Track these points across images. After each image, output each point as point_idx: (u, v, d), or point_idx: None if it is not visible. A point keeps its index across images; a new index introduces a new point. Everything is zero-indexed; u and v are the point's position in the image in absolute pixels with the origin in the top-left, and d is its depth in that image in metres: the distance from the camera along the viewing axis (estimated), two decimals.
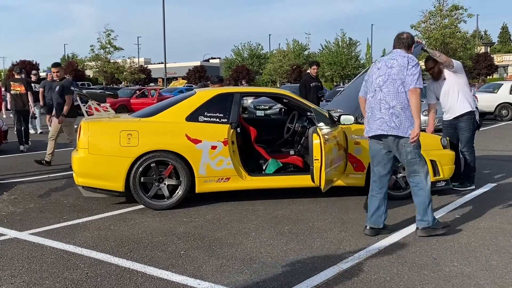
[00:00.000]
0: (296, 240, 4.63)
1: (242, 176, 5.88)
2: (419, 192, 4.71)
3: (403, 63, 4.56)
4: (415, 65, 4.56)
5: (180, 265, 4.00)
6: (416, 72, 4.52)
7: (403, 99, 4.54)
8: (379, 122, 4.65)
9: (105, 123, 6.01)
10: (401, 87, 4.54)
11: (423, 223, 4.71)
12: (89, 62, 44.35)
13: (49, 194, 6.52)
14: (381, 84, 4.65)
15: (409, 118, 4.56)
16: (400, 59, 4.61)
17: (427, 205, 4.68)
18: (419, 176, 4.69)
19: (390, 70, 4.62)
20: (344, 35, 59.62)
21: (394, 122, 4.56)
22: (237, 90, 6.30)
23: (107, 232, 4.88)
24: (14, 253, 4.28)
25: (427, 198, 4.68)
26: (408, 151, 4.63)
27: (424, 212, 4.69)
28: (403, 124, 4.56)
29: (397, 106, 4.56)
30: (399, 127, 4.56)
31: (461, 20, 34.42)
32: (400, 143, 4.62)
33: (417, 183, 4.71)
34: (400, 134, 4.57)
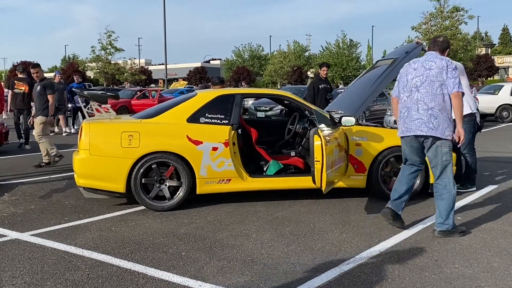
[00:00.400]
0: (297, 241, 4.63)
1: (243, 178, 5.88)
2: (446, 195, 4.71)
3: (441, 65, 4.63)
4: (454, 68, 4.65)
5: (181, 267, 4.00)
6: (456, 75, 4.61)
7: (441, 100, 4.62)
8: (417, 122, 4.70)
9: (106, 124, 6.01)
10: (439, 89, 4.62)
11: (443, 226, 4.72)
12: (90, 63, 44.36)
13: (50, 195, 6.53)
14: (419, 85, 4.71)
15: (446, 120, 4.64)
16: (439, 61, 4.68)
17: (451, 208, 4.70)
18: (448, 179, 4.72)
19: (428, 71, 4.68)
20: (345, 37, 59.66)
21: (433, 123, 4.63)
22: (238, 92, 6.30)
23: (108, 233, 4.88)
24: (15, 254, 4.28)
25: (452, 202, 4.70)
26: (444, 152, 4.68)
27: (447, 216, 4.70)
28: (441, 126, 4.63)
29: (436, 108, 4.63)
30: (437, 129, 4.63)
31: (462, 21, 34.43)
32: (437, 144, 4.68)
33: (445, 185, 4.72)
34: (438, 136, 4.64)
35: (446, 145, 4.67)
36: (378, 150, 6.03)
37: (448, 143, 4.68)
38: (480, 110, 17.48)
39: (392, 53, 7.33)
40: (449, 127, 4.64)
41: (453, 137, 4.70)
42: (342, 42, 59.35)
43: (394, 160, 6.11)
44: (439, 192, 4.77)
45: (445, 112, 4.63)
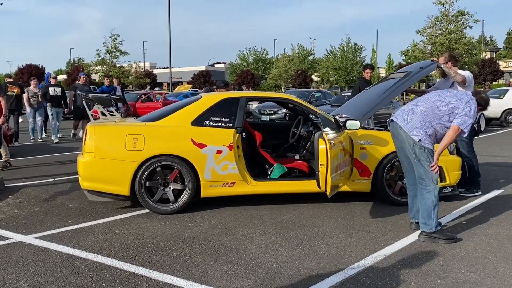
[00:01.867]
0: (301, 245, 4.61)
1: (247, 181, 5.87)
2: (425, 195, 4.74)
3: (461, 97, 4.75)
4: (473, 108, 4.69)
5: (185, 270, 3.98)
6: (472, 116, 4.66)
7: (430, 108, 4.74)
8: (400, 112, 4.96)
9: (111, 127, 6.01)
10: (439, 102, 4.74)
11: (426, 227, 4.73)
12: (95, 67, 44.51)
13: (54, 198, 6.53)
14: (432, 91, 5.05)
15: (421, 122, 4.71)
16: (462, 94, 4.83)
17: (432, 209, 4.70)
18: (428, 179, 4.73)
19: (447, 92, 4.87)
20: (349, 40, 59.62)
21: (408, 115, 4.79)
22: (242, 95, 6.29)
23: (112, 236, 4.87)
24: (19, 257, 4.28)
25: (432, 203, 4.70)
26: (417, 151, 4.73)
27: (428, 216, 4.71)
28: (413, 122, 4.74)
29: (420, 107, 4.78)
30: (408, 123, 4.76)
31: (467, 25, 34.36)
32: (409, 143, 4.75)
33: (425, 185, 4.75)
34: (404, 129, 4.76)
35: (417, 146, 4.71)
36: (383, 154, 6.01)
37: (419, 145, 4.70)
38: (485, 114, 17.44)
39: (407, 68, 7.38)
40: (420, 129, 4.70)
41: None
42: (347, 46, 59.32)
43: (399, 164, 6.06)
44: (420, 192, 4.82)
45: (425, 116, 4.72)
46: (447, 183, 6.11)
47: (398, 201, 6.03)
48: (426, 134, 4.72)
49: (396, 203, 6.03)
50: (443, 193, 6.16)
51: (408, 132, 4.74)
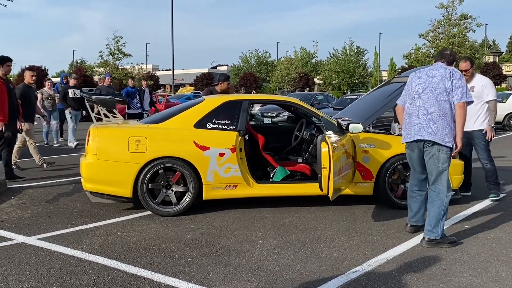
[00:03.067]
0: (303, 248, 4.61)
1: (250, 184, 5.87)
2: (437, 202, 4.69)
3: (445, 74, 4.68)
4: (459, 77, 4.67)
5: (187, 272, 3.99)
6: (463, 84, 4.63)
7: (442, 107, 4.63)
8: (417, 127, 4.74)
9: (114, 129, 6.03)
10: (440, 96, 4.64)
11: (431, 234, 4.68)
12: (97, 68, 44.63)
13: (57, 199, 6.54)
14: (420, 91, 4.76)
15: (446, 126, 4.63)
16: (442, 70, 4.73)
17: (441, 217, 4.67)
18: (442, 187, 4.69)
19: (431, 79, 4.73)
20: (352, 43, 59.71)
21: (431, 128, 4.65)
22: (245, 97, 6.30)
23: (114, 238, 4.88)
24: (21, 258, 4.29)
25: (442, 210, 4.67)
26: (441, 158, 4.66)
27: (436, 223, 4.66)
28: (440, 131, 4.62)
29: (435, 113, 4.65)
30: (436, 134, 4.63)
31: (469, 29, 34.41)
32: (435, 148, 4.66)
33: (438, 192, 4.70)
34: (437, 141, 4.64)
35: (444, 152, 4.64)
36: (386, 157, 6.01)
37: (446, 150, 4.65)
38: None
39: (409, 72, 7.36)
40: (450, 133, 4.63)
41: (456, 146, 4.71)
42: (349, 49, 59.37)
43: (401, 168, 6.08)
44: (431, 199, 4.76)
45: (445, 118, 4.62)
46: None
47: (400, 205, 6.02)
48: (453, 136, 4.66)
49: (398, 206, 6.02)
50: None
51: (441, 142, 4.60)
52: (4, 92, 7.36)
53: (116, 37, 42.21)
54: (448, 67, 4.77)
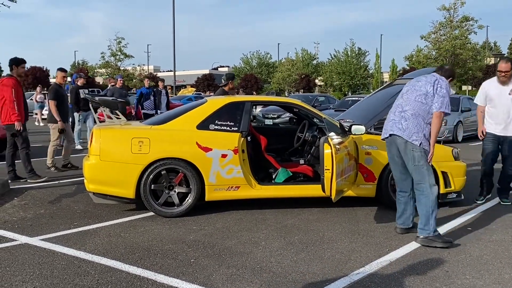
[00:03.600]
0: (306, 250, 4.62)
1: (252, 185, 5.88)
2: (423, 200, 4.78)
3: (430, 80, 4.80)
4: (444, 86, 4.73)
5: (190, 273, 3.99)
6: (445, 94, 4.71)
7: (417, 108, 4.75)
8: (391, 123, 4.93)
9: (117, 130, 6.04)
10: (418, 98, 4.76)
11: (424, 232, 4.77)
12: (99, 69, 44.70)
13: (59, 200, 6.55)
14: (404, 92, 4.96)
15: (417, 126, 4.73)
16: (430, 77, 4.85)
17: (430, 213, 4.74)
18: (424, 184, 4.77)
19: (417, 83, 4.89)
20: (353, 45, 59.71)
21: (402, 124, 4.81)
22: (247, 99, 6.31)
23: (117, 239, 4.89)
24: (25, 259, 4.30)
25: (430, 207, 4.74)
26: (416, 156, 4.75)
27: (426, 221, 4.75)
28: (409, 129, 4.76)
29: (408, 111, 4.80)
30: (405, 130, 4.78)
31: (471, 31, 34.38)
32: (409, 148, 4.77)
33: (423, 190, 4.79)
34: (404, 138, 4.77)
35: (418, 150, 4.73)
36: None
37: (419, 148, 4.72)
38: None
39: (412, 74, 7.38)
40: (418, 133, 4.72)
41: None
42: (351, 50, 59.39)
43: None
44: (418, 198, 4.85)
45: (417, 118, 4.74)
46: (451, 189, 6.11)
47: None
48: (424, 136, 4.75)
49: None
50: (448, 199, 6.17)
51: (408, 139, 4.75)
52: (20, 92, 7.59)
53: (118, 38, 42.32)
54: (436, 75, 4.88)
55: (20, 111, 7.49)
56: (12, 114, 7.42)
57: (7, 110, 7.45)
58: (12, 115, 7.42)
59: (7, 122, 7.54)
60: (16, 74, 7.65)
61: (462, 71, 36.84)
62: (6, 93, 7.42)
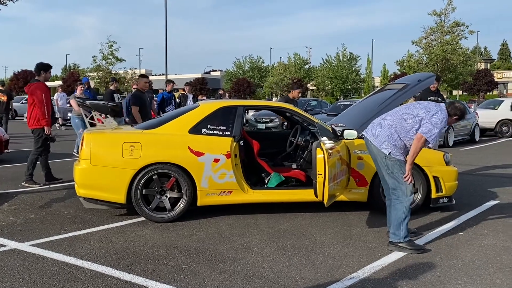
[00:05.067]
0: (298, 255, 4.60)
1: (244, 190, 5.86)
2: (397, 206, 4.80)
3: (429, 108, 4.75)
4: (441, 118, 4.67)
5: (182, 280, 3.96)
6: (437, 125, 4.65)
7: (397, 122, 4.79)
8: (370, 125, 5.02)
9: (108, 134, 6.00)
10: (406, 115, 4.77)
11: (394, 237, 4.79)
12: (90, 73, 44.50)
13: (50, 205, 6.49)
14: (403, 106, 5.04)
15: (388, 136, 4.77)
16: (432, 104, 4.83)
17: (402, 220, 4.76)
18: (399, 190, 4.79)
19: (418, 105, 4.86)
20: (345, 50, 59.92)
21: (376, 130, 4.86)
22: (240, 103, 6.29)
23: (108, 245, 4.84)
24: (14, 265, 4.24)
25: (403, 214, 4.76)
26: (389, 164, 4.80)
27: (397, 227, 4.77)
28: (381, 137, 4.81)
29: (388, 120, 4.83)
30: (376, 137, 4.83)
31: (462, 36, 34.60)
32: (380, 155, 4.82)
33: (398, 196, 4.82)
34: (373, 143, 4.84)
35: (389, 159, 4.76)
36: None
37: (390, 157, 4.75)
38: (480, 124, 17.52)
39: (405, 79, 7.41)
40: (388, 142, 4.75)
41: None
42: (342, 55, 59.60)
43: None
44: (393, 203, 4.87)
45: (390, 129, 4.77)
46: (443, 193, 6.12)
47: None
48: (396, 146, 4.78)
49: None
50: (439, 204, 6.18)
51: (378, 146, 4.80)
52: (48, 97, 7.78)
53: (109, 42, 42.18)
54: (440, 106, 4.76)
55: (49, 116, 7.67)
56: (42, 118, 7.59)
57: (36, 114, 7.62)
58: (42, 120, 7.59)
59: (35, 126, 7.70)
60: (43, 79, 7.84)
61: (452, 76, 37.07)
62: (37, 97, 7.59)
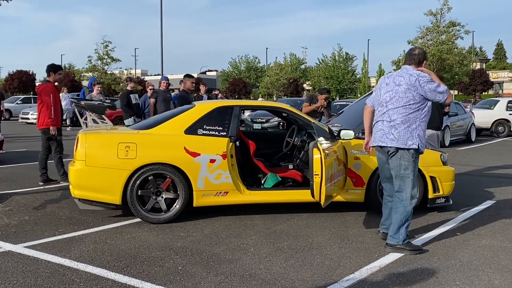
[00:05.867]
0: (295, 256, 4.57)
1: (241, 190, 5.82)
2: (399, 209, 4.73)
3: (411, 82, 4.63)
4: (427, 81, 4.61)
5: (178, 281, 3.92)
6: (433, 86, 4.60)
7: (406, 115, 4.64)
8: (380, 133, 4.80)
9: (103, 135, 5.95)
10: (407, 105, 4.63)
11: (393, 240, 4.74)
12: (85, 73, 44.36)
13: (44, 206, 6.43)
14: (388, 100, 4.76)
15: (408, 131, 4.64)
16: (407, 77, 4.67)
17: (402, 223, 4.71)
18: (405, 193, 4.72)
19: (397, 88, 4.70)
20: (340, 50, 59.94)
21: (393, 134, 4.69)
22: (236, 103, 6.25)
23: (103, 246, 4.80)
24: (8, 267, 4.19)
25: (404, 218, 4.71)
26: (403, 164, 4.69)
27: (397, 230, 4.72)
28: (402, 136, 4.65)
29: (398, 120, 4.67)
30: (398, 139, 4.66)
31: (458, 36, 34.66)
32: (397, 155, 4.71)
33: (402, 199, 4.74)
34: (400, 146, 4.66)
35: (406, 158, 4.66)
36: (377, 164, 5.97)
37: (408, 156, 4.65)
38: (476, 124, 17.52)
39: None
40: (412, 137, 4.63)
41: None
42: (338, 55, 59.63)
43: None
44: (395, 205, 4.80)
45: (407, 124, 4.63)
46: (440, 194, 6.11)
47: None
48: (419, 137, 4.65)
49: None
50: (436, 204, 6.16)
51: (405, 146, 4.63)
52: (57, 98, 7.95)
53: (105, 42, 42.05)
54: (413, 74, 4.67)
55: (56, 116, 7.81)
56: (49, 118, 7.73)
57: (44, 114, 7.77)
58: (48, 120, 7.73)
59: (43, 127, 7.83)
60: (53, 80, 7.99)
61: (448, 76, 37.12)
62: (45, 98, 7.73)
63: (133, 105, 10.56)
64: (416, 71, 4.71)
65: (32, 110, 25.37)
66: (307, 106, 9.09)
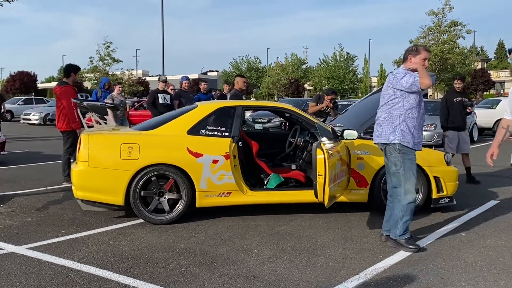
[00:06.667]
0: (299, 257, 4.54)
1: (244, 191, 5.80)
2: (396, 205, 4.82)
3: (389, 79, 4.87)
4: (403, 76, 4.72)
5: (181, 283, 3.90)
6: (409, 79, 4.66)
7: (388, 111, 4.80)
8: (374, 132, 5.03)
9: (106, 135, 5.93)
10: (387, 102, 4.82)
11: (392, 234, 4.86)
12: (87, 74, 44.42)
13: (47, 207, 6.42)
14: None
15: (391, 127, 4.76)
16: (389, 77, 4.91)
17: (399, 218, 4.77)
18: (399, 189, 4.79)
19: (384, 88, 4.96)
20: (342, 50, 59.93)
21: (378, 131, 4.89)
22: (239, 104, 6.23)
23: (106, 247, 4.78)
24: (11, 268, 4.18)
25: (400, 213, 4.77)
26: (392, 161, 4.80)
27: (394, 225, 4.82)
28: (385, 132, 4.81)
29: (381, 117, 4.87)
30: (381, 135, 4.84)
31: (459, 36, 34.65)
32: (386, 152, 4.86)
33: (397, 195, 4.82)
34: (383, 141, 4.83)
35: (392, 155, 4.77)
36: (380, 164, 5.95)
37: (395, 152, 4.74)
38: (478, 124, 17.48)
39: None
40: (394, 132, 4.73)
41: None
42: (339, 55, 59.61)
43: None
44: (393, 201, 4.88)
45: (390, 119, 4.78)
46: (444, 194, 6.08)
47: None
48: (402, 132, 4.71)
49: None
50: (440, 204, 6.14)
51: (387, 142, 4.78)
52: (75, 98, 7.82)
53: (106, 43, 42.13)
54: (394, 71, 4.92)
55: (76, 118, 7.74)
56: (73, 122, 7.73)
57: (67, 117, 7.75)
58: (73, 123, 7.74)
59: (65, 129, 7.84)
60: (72, 81, 7.99)
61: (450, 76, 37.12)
62: (65, 101, 7.69)
63: (159, 104, 10.34)
64: (400, 69, 4.87)
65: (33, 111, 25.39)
66: (313, 106, 9.09)
